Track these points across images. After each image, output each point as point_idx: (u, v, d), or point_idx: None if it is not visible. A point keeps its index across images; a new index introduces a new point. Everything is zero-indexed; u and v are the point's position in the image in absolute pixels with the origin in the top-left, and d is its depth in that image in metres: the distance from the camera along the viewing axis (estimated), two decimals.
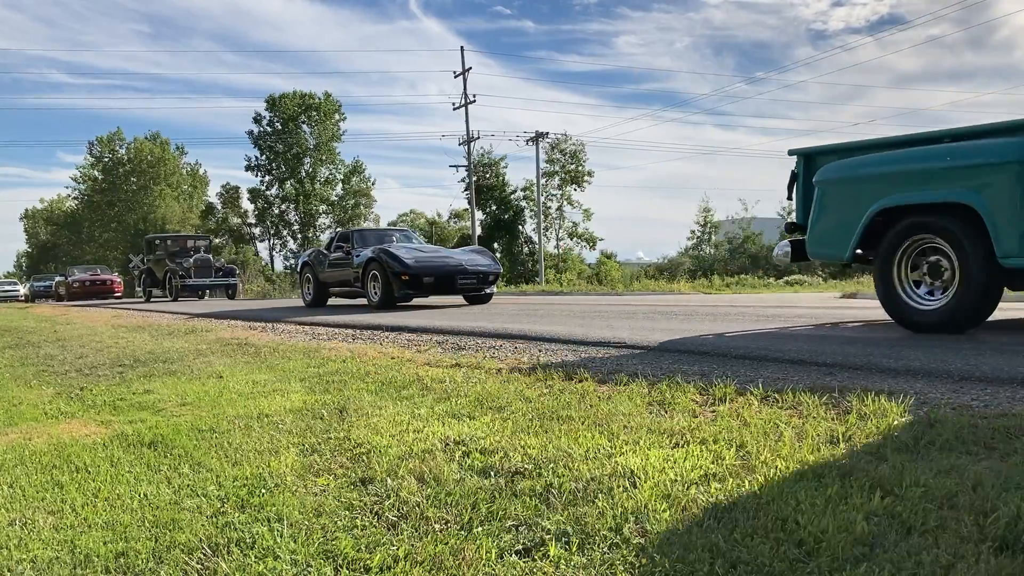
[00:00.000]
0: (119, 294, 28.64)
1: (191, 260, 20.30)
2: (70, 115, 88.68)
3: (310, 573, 1.67)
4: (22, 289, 40.25)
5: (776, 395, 2.96)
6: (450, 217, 55.02)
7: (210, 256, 21.43)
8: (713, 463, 2.17)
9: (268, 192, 52.93)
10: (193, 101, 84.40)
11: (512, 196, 43.64)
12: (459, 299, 12.09)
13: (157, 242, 22.37)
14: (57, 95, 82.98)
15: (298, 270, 13.47)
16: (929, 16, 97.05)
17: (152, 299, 21.87)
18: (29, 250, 71.75)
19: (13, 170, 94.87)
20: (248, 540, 1.84)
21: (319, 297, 12.64)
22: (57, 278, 32.28)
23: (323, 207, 53.71)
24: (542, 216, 40.07)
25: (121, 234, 57.91)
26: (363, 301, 12.06)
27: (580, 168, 42.74)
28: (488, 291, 11.36)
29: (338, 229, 17.68)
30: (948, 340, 4.27)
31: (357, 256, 11.54)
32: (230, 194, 55.14)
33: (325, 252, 12.82)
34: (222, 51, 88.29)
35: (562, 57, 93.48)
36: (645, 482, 2.03)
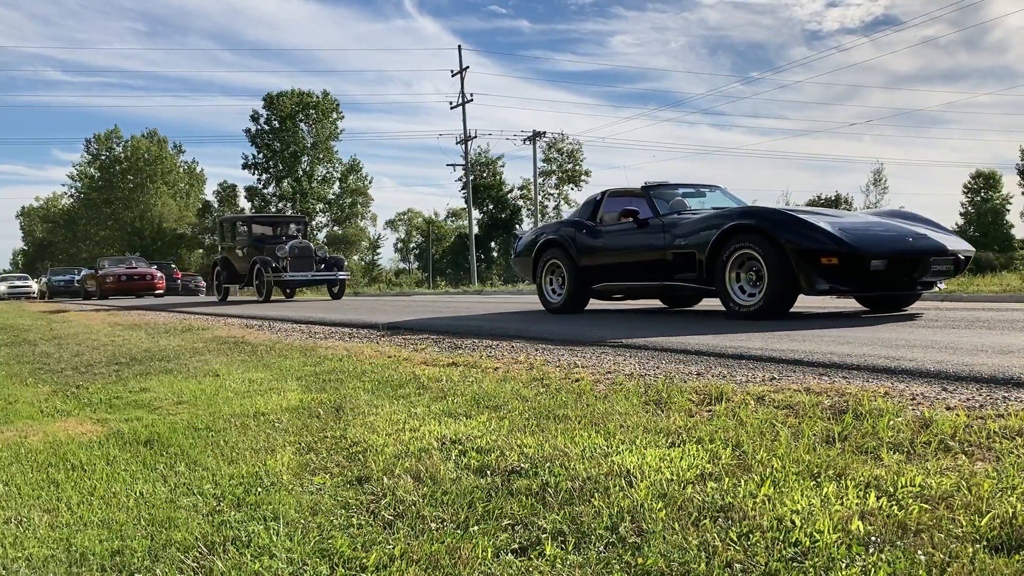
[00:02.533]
0: (161, 291, 24.04)
1: (286, 248, 15.04)
2: (66, 113, 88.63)
3: (306, 572, 1.67)
4: (35, 285, 35.57)
5: (772, 394, 2.96)
6: (447, 216, 55.00)
7: (310, 243, 15.95)
8: (709, 462, 2.18)
9: (265, 190, 52.90)
10: (189, 99, 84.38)
11: (509, 195, 43.66)
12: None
13: (239, 225, 16.86)
14: (53, 93, 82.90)
15: (532, 255, 8.36)
16: (923, 17, 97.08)
17: (229, 299, 16.94)
18: (25, 248, 71.61)
19: (8, 167, 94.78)
20: (244, 538, 1.84)
21: (578, 296, 7.89)
22: (84, 271, 27.53)
23: (320, 206, 53.69)
24: (539, 215, 40.05)
25: (118, 232, 57.80)
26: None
27: (577, 167, 42.80)
28: (940, 286, 6.74)
29: (603, 191, 8.24)
30: (945, 341, 4.28)
31: (683, 222, 6.80)
32: (227, 192, 55.09)
33: (589, 222, 7.90)
34: (218, 50, 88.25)
35: (557, 56, 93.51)
36: (641, 481, 2.03)
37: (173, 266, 35.05)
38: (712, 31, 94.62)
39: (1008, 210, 45.74)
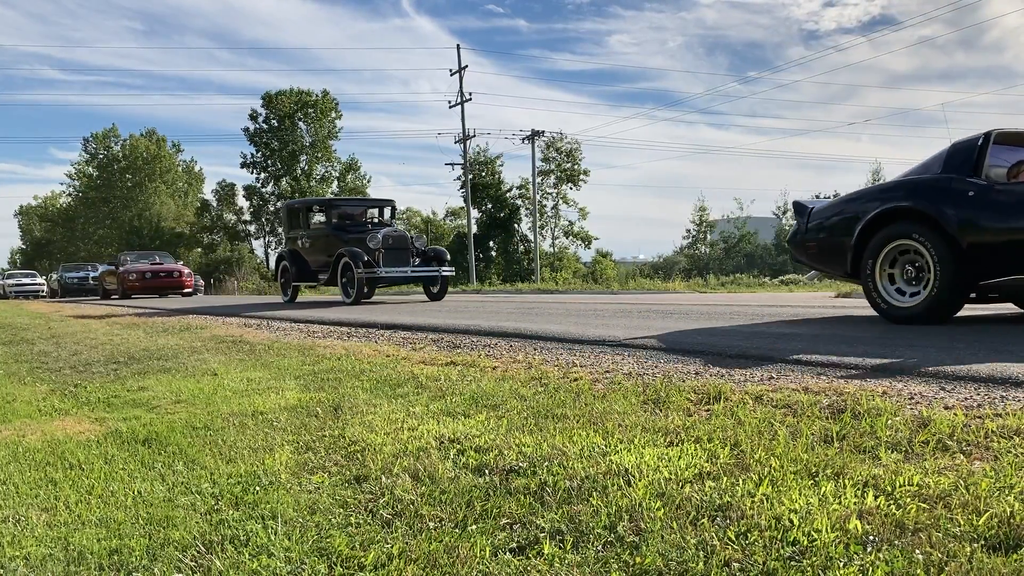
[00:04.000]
0: (190, 290, 21.87)
1: (379, 237, 11.80)
2: (63, 111, 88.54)
3: (304, 570, 1.67)
4: (44, 283, 33.25)
5: (771, 394, 2.96)
6: (446, 215, 54.99)
7: (405, 231, 13.07)
8: (707, 461, 2.18)
9: (264, 189, 52.86)
10: (186, 98, 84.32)
11: (508, 195, 43.67)
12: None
13: (314, 211, 13.89)
14: (50, 91, 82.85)
15: (851, 235, 5.47)
16: (921, 17, 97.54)
17: (294, 300, 13.88)
18: (23, 246, 71.52)
19: (6, 166, 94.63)
20: (242, 537, 1.84)
21: (955, 294, 5.01)
22: (102, 268, 25.01)
23: None
24: (538, 215, 40.08)
25: (116, 231, 57.76)
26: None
27: (576, 167, 42.80)
28: None
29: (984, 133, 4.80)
30: (943, 340, 4.29)
31: None
32: (225, 191, 55.05)
33: (974, 180, 5.01)
34: (215, 48, 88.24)
35: (555, 56, 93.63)
36: (639, 480, 2.03)
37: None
38: (710, 31, 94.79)
39: None
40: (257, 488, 2.21)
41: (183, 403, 3.65)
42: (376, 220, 13.67)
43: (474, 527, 1.83)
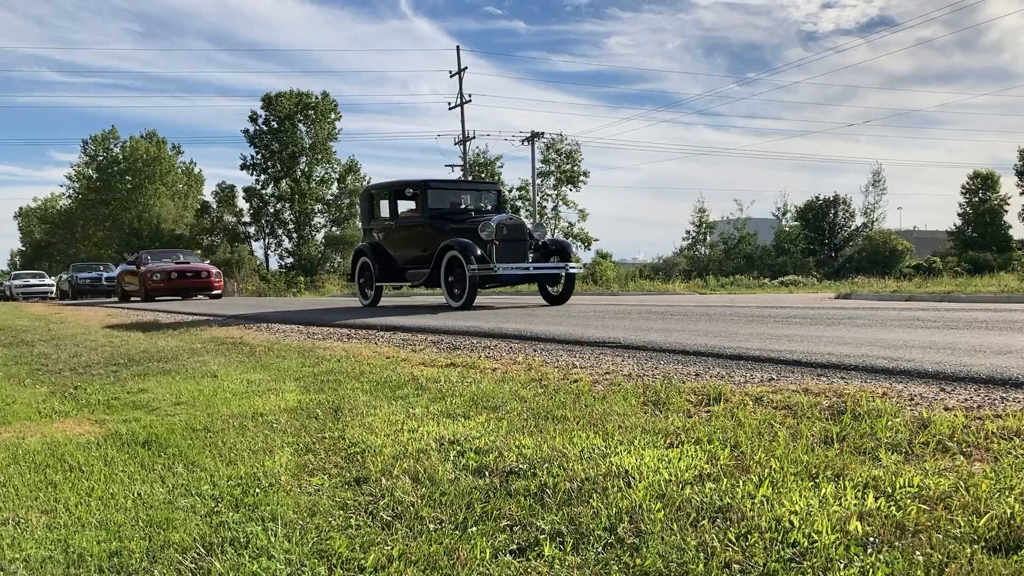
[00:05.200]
0: (219, 291, 20.05)
1: (492, 225, 9.49)
2: (62, 113, 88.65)
3: (304, 572, 1.66)
4: (54, 285, 31.38)
5: (771, 395, 2.96)
6: None
7: (521, 218, 10.57)
8: (707, 463, 2.18)
9: (263, 191, 52.84)
10: (186, 100, 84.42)
11: (508, 196, 43.64)
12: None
13: (403, 196, 11.17)
14: (49, 93, 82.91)
15: None
16: (919, 18, 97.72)
17: (377, 303, 11.53)
18: (23, 248, 71.50)
19: (5, 168, 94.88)
20: (242, 539, 1.84)
21: None
22: (120, 267, 22.47)
23: (318, 206, 53.67)
24: (538, 216, 40.08)
25: (116, 233, 57.72)
26: None
27: (576, 168, 42.79)
28: None
29: None
30: (943, 342, 4.28)
31: None
32: (225, 193, 55.03)
33: None
34: (214, 50, 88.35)
35: (554, 57, 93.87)
36: (640, 482, 2.03)
37: None
38: (708, 32, 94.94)
39: (1006, 211, 45.80)
40: (257, 490, 2.20)
41: (183, 405, 3.65)
42: (474, 208, 11.02)
43: (474, 529, 1.83)
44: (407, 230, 10.85)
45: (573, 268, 10.15)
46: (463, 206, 10.98)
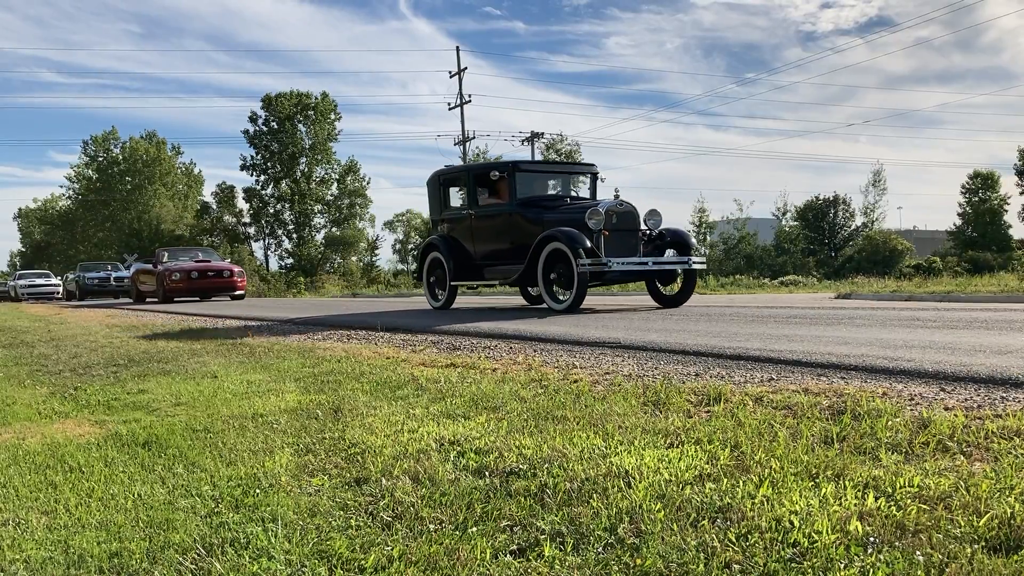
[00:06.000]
0: (242, 292, 18.95)
1: (601, 213, 8.04)
2: (61, 114, 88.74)
3: (304, 573, 1.66)
4: (60, 285, 30.30)
5: (771, 395, 2.96)
6: None
7: (634, 206, 8.59)
8: (708, 463, 2.18)
9: (263, 192, 52.86)
10: (185, 101, 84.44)
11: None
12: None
13: (483, 180, 9.47)
14: (48, 94, 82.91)
15: None
16: (917, 18, 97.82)
17: (450, 305, 10.05)
18: (23, 249, 71.52)
19: (5, 169, 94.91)
20: (242, 540, 1.84)
21: None
22: (135, 266, 21.20)
23: (318, 207, 53.69)
24: None
25: (116, 233, 57.73)
26: None
27: None
28: None
29: None
30: (943, 341, 4.29)
31: None
32: (225, 194, 55.05)
33: None
34: (213, 51, 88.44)
35: (553, 58, 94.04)
36: (640, 482, 2.03)
37: None
38: (707, 32, 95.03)
39: (1006, 211, 45.84)
40: (257, 491, 2.20)
41: (183, 405, 3.65)
42: (568, 195, 9.60)
43: (474, 529, 1.83)
44: (490, 220, 9.29)
45: (697, 263, 8.54)
46: (554, 191, 9.68)
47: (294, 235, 53.52)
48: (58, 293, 29.51)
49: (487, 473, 2.22)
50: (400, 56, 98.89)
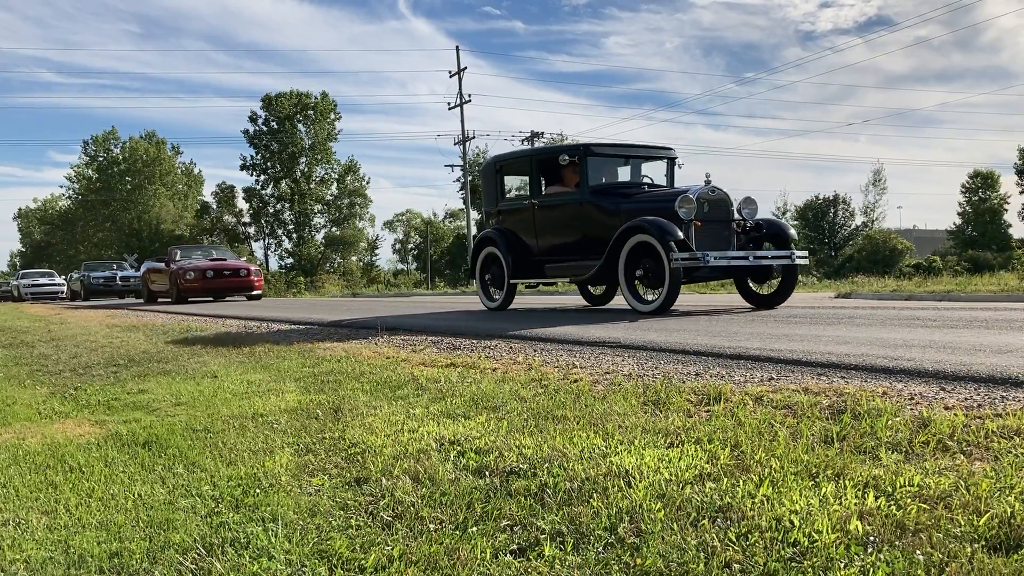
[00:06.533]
0: (259, 291, 18.29)
1: (692, 200, 7.14)
2: (61, 114, 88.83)
3: (304, 573, 1.66)
4: (64, 284, 29.84)
5: (771, 395, 2.96)
6: (445, 217, 55.02)
7: (724, 192, 7.58)
8: (708, 463, 2.18)
9: (263, 191, 52.88)
10: (185, 101, 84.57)
11: None
12: None
13: (563, 162, 8.25)
14: (48, 94, 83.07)
15: None
16: (917, 18, 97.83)
17: (508, 305, 9.10)
18: (23, 249, 71.53)
19: (5, 169, 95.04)
20: (242, 540, 1.84)
21: None
22: (145, 265, 20.39)
23: (318, 207, 53.71)
24: None
25: (116, 234, 57.75)
26: None
27: None
28: None
29: None
30: (943, 341, 4.29)
31: None
32: (225, 193, 55.06)
33: None
34: (212, 51, 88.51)
35: (552, 58, 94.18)
36: (640, 482, 2.03)
37: None
38: (706, 32, 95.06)
39: (1006, 210, 45.86)
40: (257, 490, 2.20)
41: (183, 405, 3.65)
42: (642, 182, 8.52)
43: (474, 529, 1.83)
44: (555, 211, 8.32)
45: (800, 258, 7.51)
46: (620, 178, 8.64)
47: (294, 235, 53.56)
48: (62, 293, 29.13)
49: (487, 473, 2.22)
50: (399, 56, 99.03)
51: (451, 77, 37.11)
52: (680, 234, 6.88)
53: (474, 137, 38.29)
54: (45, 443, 3.00)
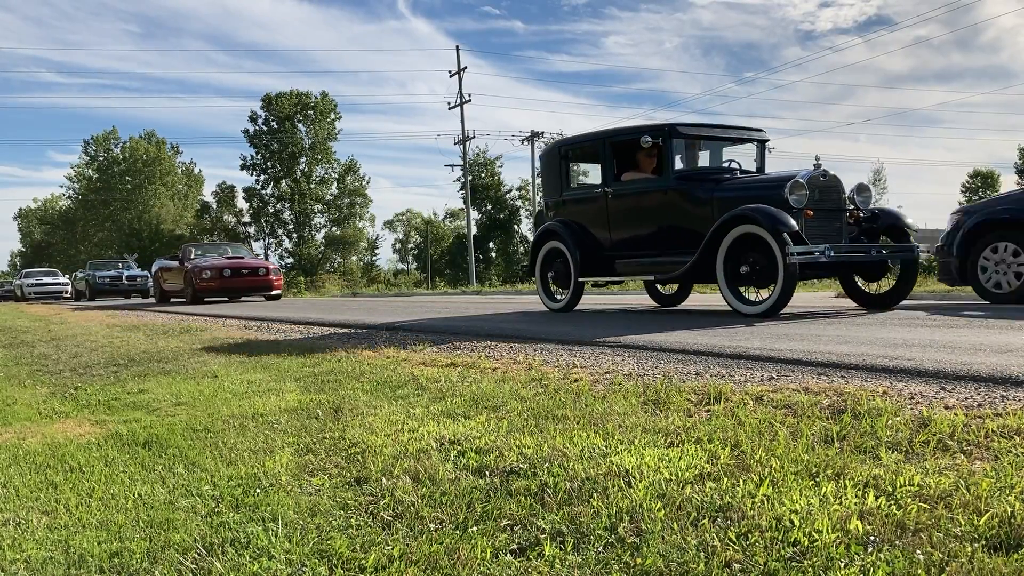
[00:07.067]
0: (278, 291, 17.29)
1: (803, 185, 6.19)
2: (61, 114, 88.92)
3: (305, 573, 1.66)
4: (69, 283, 29.09)
5: (771, 394, 2.96)
6: (445, 217, 55.06)
7: (836, 177, 6.54)
8: (708, 462, 2.18)
9: (263, 191, 52.89)
10: (185, 101, 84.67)
11: (507, 196, 43.64)
12: None
13: (645, 144, 7.06)
14: (47, 94, 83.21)
15: None
16: (916, 17, 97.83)
17: (574, 306, 8.07)
18: (23, 249, 71.55)
19: (5, 169, 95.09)
20: (243, 540, 1.84)
21: None
22: (157, 264, 19.33)
23: (318, 206, 53.72)
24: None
25: (116, 233, 57.78)
26: None
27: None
28: None
29: None
30: (943, 340, 4.28)
31: None
32: (225, 193, 55.09)
33: None
34: (212, 51, 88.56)
35: (552, 57, 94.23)
36: (640, 481, 2.03)
37: None
38: (706, 31, 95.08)
39: None
40: (258, 490, 2.21)
41: (183, 405, 3.65)
42: (730, 167, 7.49)
43: (475, 528, 1.83)
44: (634, 200, 7.36)
45: (923, 251, 6.69)
46: (700, 163, 7.63)
47: (294, 234, 53.58)
48: (67, 292, 28.69)
49: (487, 472, 2.22)
50: (399, 56, 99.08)
51: (451, 77, 37.15)
52: (795, 225, 5.95)
53: (474, 137, 38.32)
54: (45, 443, 3.00)
